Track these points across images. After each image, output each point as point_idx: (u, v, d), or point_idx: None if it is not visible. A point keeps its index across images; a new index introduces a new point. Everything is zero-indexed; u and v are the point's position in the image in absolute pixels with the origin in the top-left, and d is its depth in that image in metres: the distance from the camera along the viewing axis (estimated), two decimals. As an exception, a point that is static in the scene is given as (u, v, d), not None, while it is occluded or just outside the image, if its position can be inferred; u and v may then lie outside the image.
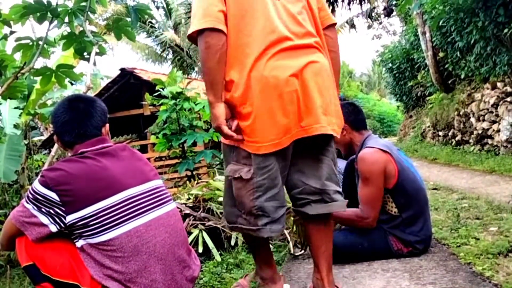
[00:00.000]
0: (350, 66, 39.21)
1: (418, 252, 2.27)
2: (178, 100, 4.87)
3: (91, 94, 10.89)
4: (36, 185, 1.48)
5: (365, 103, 33.19)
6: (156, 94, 4.97)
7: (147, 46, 19.85)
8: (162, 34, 18.58)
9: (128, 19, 2.79)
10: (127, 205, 1.52)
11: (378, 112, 29.86)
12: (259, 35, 1.59)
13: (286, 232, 2.86)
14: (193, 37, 1.61)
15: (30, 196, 1.49)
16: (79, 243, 1.49)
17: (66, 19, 2.59)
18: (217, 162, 5.59)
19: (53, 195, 1.45)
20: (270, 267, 1.92)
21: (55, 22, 2.57)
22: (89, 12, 2.60)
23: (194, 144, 5.04)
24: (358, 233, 2.33)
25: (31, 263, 1.50)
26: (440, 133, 9.75)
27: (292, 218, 3.12)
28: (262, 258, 1.92)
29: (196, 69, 20.15)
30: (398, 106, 18.21)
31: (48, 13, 2.48)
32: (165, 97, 4.87)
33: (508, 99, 6.56)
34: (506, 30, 6.05)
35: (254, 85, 1.57)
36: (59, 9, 2.52)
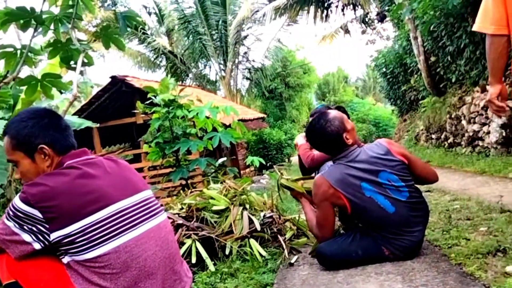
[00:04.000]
0: (345, 71, 39.40)
1: (405, 257, 2.28)
2: (170, 107, 4.87)
3: (81, 103, 10.90)
4: (17, 201, 1.39)
5: (361, 107, 33.37)
6: (148, 102, 4.96)
7: (139, 53, 19.83)
8: (154, 40, 18.58)
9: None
10: (115, 220, 1.46)
11: (373, 116, 30.01)
12: None
13: (281, 239, 2.89)
14: None
15: (11, 213, 1.40)
16: (65, 259, 1.43)
17: (52, 26, 2.53)
18: (212, 170, 5.59)
19: (36, 212, 1.36)
20: None
21: (40, 29, 2.50)
22: (76, 19, 2.53)
23: (189, 152, 5.03)
24: (352, 241, 2.35)
25: (13, 281, 1.43)
26: (433, 136, 9.83)
27: (289, 226, 3.16)
28: None
29: (190, 75, 20.18)
30: (392, 110, 18.30)
31: (32, 20, 2.40)
32: (157, 105, 4.87)
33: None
34: (495, 34, 6.12)
35: None
36: (44, 16, 2.44)
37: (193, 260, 2.72)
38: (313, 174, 3.29)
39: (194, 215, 3.13)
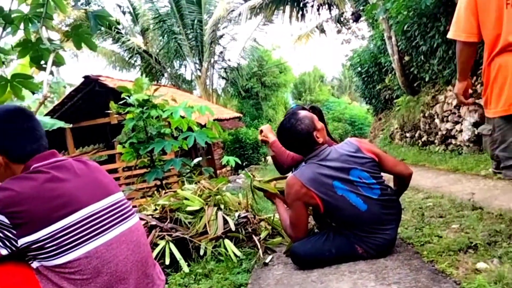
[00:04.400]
0: (321, 70, 39.78)
1: (378, 255, 2.29)
2: (145, 107, 4.78)
3: (54, 103, 10.62)
4: None
5: (337, 106, 33.78)
6: (122, 102, 4.86)
7: (113, 53, 19.51)
8: (129, 40, 18.30)
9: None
10: (86, 224, 1.42)
11: (349, 115, 30.41)
12: None
13: (256, 239, 2.86)
14: None
15: None
16: (34, 264, 1.38)
17: (22, 26, 2.47)
18: (188, 170, 5.52)
19: (2, 218, 1.31)
20: None
21: (9, 29, 2.44)
22: (46, 18, 2.48)
23: (164, 152, 4.95)
24: (325, 239, 2.35)
25: None
26: (408, 135, 9.99)
27: (264, 226, 3.14)
28: None
29: (165, 75, 19.96)
30: (368, 109, 18.56)
31: (1, 19, 2.35)
32: (131, 105, 4.78)
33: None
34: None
35: None
36: (13, 15, 2.39)
37: (167, 262, 2.67)
38: (288, 174, 3.28)
39: (168, 216, 3.08)
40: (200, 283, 2.35)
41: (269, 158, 15.39)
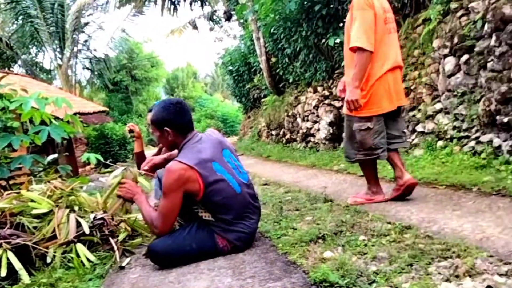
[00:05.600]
0: (194, 67, 39.73)
1: (242, 248, 2.34)
2: (-14, 97, 4.12)
3: None
4: None
5: (209, 103, 34.10)
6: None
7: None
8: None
9: None
10: None
11: (221, 112, 30.98)
12: None
13: (113, 241, 2.66)
14: None
15: None
16: None
17: None
18: (40, 169, 4.93)
19: None
20: (378, 184, 3.17)
21: None
22: None
23: (14, 149, 4.33)
24: (186, 234, 2.31)
25: None
26: (273, 133, 10.56)
27: (124, 227, 2.92)
28: (374, 177, 3.16)
29: (19, 62, 17.70)
30: (239, 107, 19.13)
31: None
32: (-32, 93, 4.07)
33: (326, 101, 7.45)
34: (324, 40, 6.85)
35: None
36: None
37: (3, 273, 2.31)
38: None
39: (7, 221, 2.68)
40: (43, 295, 2.08)
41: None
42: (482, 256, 1.72)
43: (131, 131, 3.53)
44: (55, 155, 5.18)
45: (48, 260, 2.50)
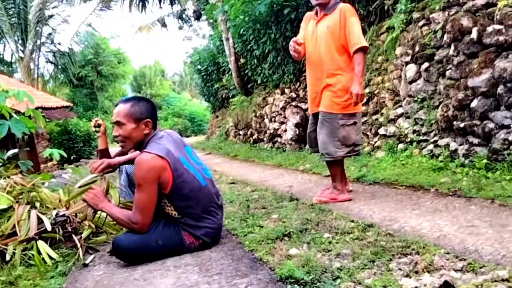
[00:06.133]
0: (162, 65, 39.17)
1: (209, 244, 2.36)
2: None
3: None
4: None
5: (177, 102, 33.73)
6: None
7: None
8: None
9: None
10: None
11: (189, 111, 30.72)
12: None
13: (76, 239, 2.60)
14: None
15: None
16: None
17: None
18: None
19: None
20: (343, 183, 3.33)
21: None
22: None
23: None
24: (152, 231, 2.30)
25: None
26: (241, 132, 10.59)
27: (87, 224, 2.86)
28: (341, 176, 3.31)
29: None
30: (207, 107, 19.03)
31: None
32: None
33: (293, 103, 7.56)
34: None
35: None
36: None
37: (-45, 273, 2.22)
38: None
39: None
40: (2, 293, 2.02)
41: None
42: (440, 253, 1.82)
43: (98, 125, 3.44)
44: (15, 150, 4.99)
45: (7, 257, 2.42)
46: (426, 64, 4.19)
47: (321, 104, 3.26)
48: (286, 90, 7.91)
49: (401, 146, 4.57)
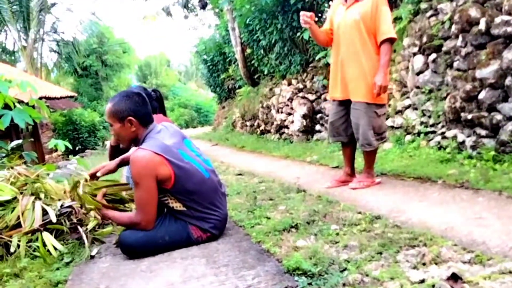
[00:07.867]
0: (168, 55, 39.09)
1: (217, 235, 2.35)
2: None
3: None
4: None
5: (183, 92, 33.67)
6: None
7: None
8: None
9: None
10: None
11: (195, 102, 30.62)
12: None
13: (81, 230, 2.60)
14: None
15: None
16: None
17: None
18: (3, 154, 4.75)
19: None
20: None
21: None
22: None
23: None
24: (159, 227, 2.28)
25: None
26: (248, 123, 10.56)
27: (92, 215, 2.84)
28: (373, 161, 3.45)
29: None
30: (213, 97, 18.99)
31: None
32: None
33: (300, 94, 7.50)
34: (299, 34, 6.87)
35: None
36: None
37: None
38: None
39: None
40: (6, 285, 2.02)
41: (107, 143, 14.45)
42: (447, 245, 1.79)
43: None
44: (19, 141, 5.00)
45: (12, 249, 2.41)
46: (433, 55, 4.12)
47: (356, 93, 3.23)
48: (293, 81, 7.85)
49: (408, 137, 4.53)
